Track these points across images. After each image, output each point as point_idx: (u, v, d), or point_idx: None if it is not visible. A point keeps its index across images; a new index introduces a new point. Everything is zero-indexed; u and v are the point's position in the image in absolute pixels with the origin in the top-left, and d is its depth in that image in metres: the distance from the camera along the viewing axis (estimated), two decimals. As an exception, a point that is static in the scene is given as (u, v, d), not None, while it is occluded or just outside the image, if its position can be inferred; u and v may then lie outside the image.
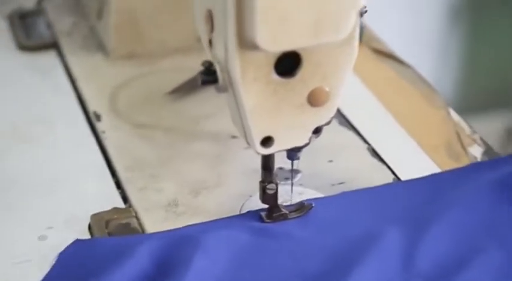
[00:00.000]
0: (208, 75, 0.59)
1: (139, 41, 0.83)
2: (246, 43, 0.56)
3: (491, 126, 1.63)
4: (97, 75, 0.81)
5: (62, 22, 0.88)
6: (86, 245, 0.61)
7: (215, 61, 0.59)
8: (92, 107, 0.77)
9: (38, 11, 0.90)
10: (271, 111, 0.58)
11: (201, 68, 0.60)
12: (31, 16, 0.89)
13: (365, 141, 0.73)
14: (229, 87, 0.58)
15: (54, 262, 0.60)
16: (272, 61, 0.57)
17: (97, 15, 0.86)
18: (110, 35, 0.83)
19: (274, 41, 0.55)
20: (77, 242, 0.62)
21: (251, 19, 0.54)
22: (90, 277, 0.58)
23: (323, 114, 0.60)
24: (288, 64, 0.58)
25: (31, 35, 0.87)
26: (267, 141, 0.60)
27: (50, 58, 0.84)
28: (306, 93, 0.59)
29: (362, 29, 0.87)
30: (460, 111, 0.78)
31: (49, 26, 0.88)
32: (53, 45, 0.85)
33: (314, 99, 0.59)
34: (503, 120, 1.70)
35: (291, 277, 0.59)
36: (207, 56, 0.60)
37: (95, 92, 0.79)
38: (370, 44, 0.85)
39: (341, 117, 0.76)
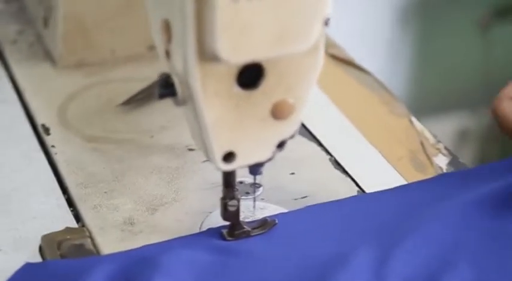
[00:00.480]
0: (166, 88, 0.56)
1: (88, 49, 0.79)
2: (206, 54, 0.53)
3: (443, 128, 1.62)
4: (45, 86, 0.77)
5: (5, 30, 0.84)
6: (37, 269, 0.58)
7: (173, 73, 0.56)
8: (40, 119, 0.73)
9: (-20, 19, 0.86)
10: (233, 126, 0.56)
11: (155, 79, 0.56)
12: (-27, 24, 0.85)
13: (327, 152, 0.70)
14: (188, 101, 0.55)
15: None
16: (234, 73, 0.54)
17: (43, 22, 0.82)
18: (58, 43, 0.79)
19: (235, 52, 0.52)
20: (27, 266, 0.58)
21: (211, 29, 0.51)
22: None
23: (287, 128, 0.57)
24: (250, 76, 0.55)
25: (-27, 43, 0.83)
26: (228, 156, 0.57)
27: (-6, 68, 0.80)
28: (269, 106, 0.56)
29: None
30: (412, 113, 0.75)
31: (-8, 33, 0.84)
32: (-3, 54, 0.82)
33: (278, 112, 0.56)
34: (455, 121, 1.69)
35: None
36: (160, 65, 0.57)
37: (42, 103, 0.75)
38: (328, 50, 0.83)
39: (302, 127, 0.73)
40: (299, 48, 0.54)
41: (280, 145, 0.58)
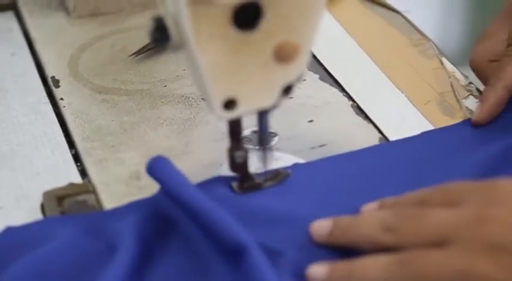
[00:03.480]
0: (159, 32, 0.52)
1: (103, -2, 0.76)
2: (197, -7, 0.48)
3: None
4: (57, 37, 0.74)
5: (21, -20, 0.81)
6: (18, 232, 0.55)
7: (167, 16, 0.52)
8: (50, 71, 0.70)
9: (-5, -30, 0.83)
10: (232, 70, 0.51)
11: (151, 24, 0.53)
12: (-12, -25, 0.82)
13: (349, 97, 0.66)
14: (183, 46, 0.51)
15: None
16: (229, 13, 0.50)
17: (58, -29, 0.79)
18: (71, -8, 0.76)
19: (228, -10, 0.48)
20: (8, 231, 0.55)
21: (200, -35, 0.47)
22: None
23: (292, 71, 0.53)
24: (248, 16, 0.50)
25: (-14, -5, 0.80)
26: (229, 104, 0.53)
27: (7, 20, 0.77)
28: (271, 48, 0.51)
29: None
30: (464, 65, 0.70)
31: (7, -15, 0.81)
32: (11, 6, 0.78)
33: (281, 54, 0.52)
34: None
35: None
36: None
37: (54, 55, 0.72)
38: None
39: (323, 71, 0.69)
40: (299, -18, 0.49)
41: (287, 90, 0.54)
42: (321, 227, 0.52)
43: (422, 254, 0.48)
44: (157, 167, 0.54)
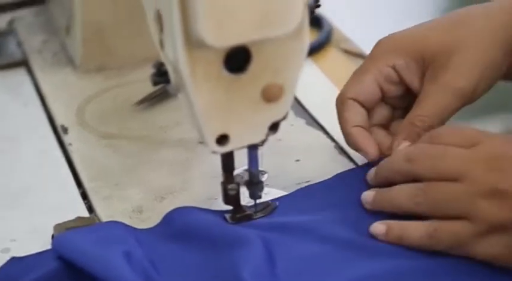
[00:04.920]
0: (160, 76, 0.59)
1: (107, 54, 0.83)
2: (193, 41, 0.55)
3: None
4: (65, 90, 0.81)
5: (32, 40, 0.88)
6: (22, 262, 0.60)
7: (167, 62, 0.59)
8: (59, 120, 0.77)
9: (9, 31, 0.90)
10: (225, 109, 0.58)
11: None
12: (2, 35, 0.89)
13: (333, 139, 0.72)
14: (181, 88, 0.58)
15: None
16: (221, 57, 0.56)
17: (66, 30, 0.86)
18: (78, 49, 0.83)
19: (220, 36, 0.54)
20: (13, 260, 0.61)
21: (195, 14, 0.54)
22: None
23: (278, 110, 0.59)
24: (238, 60, 0.57)
25: (1, 53, 0.87)
26: (222, 139, 0.59)
27: (19, 75, 0.84)
28: (258, 89, 0.58)
29: (331, 30, 0.87)
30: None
31: (19, 44, 0.88)
32: (23, 63, 0.85)
33: (268, 95, 0.58)
34: (501, 123, 1.68)
35: None
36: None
37: (63, 106, 0.79)
38: (339, 45, 0.85)
39: (309, 117, 0.75)
40: (282, 30, 0.56)
41: (273, 127, 0.60)
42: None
43: (436, 185, 0.58)
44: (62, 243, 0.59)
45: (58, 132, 0.76)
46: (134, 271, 0.56)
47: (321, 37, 0.85)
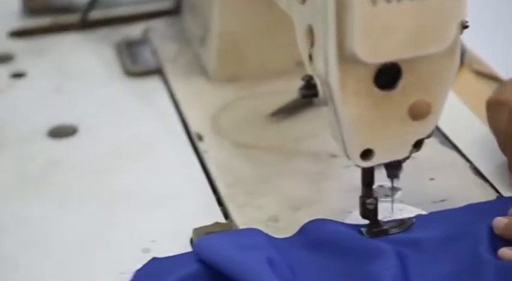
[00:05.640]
0: (308, 89, 0.60)
1: (240, 65, 0.85)
2: (346, 56, 0.56)
3: None
4: (199, 98, 0.83)
5: (166, 49, 0.91)
6: (162, 262, 0.62)
7: (315, 75, 0.60)
8: (194, 128, 0.79)
9: (143, 40, 0.93)
10: (371, 124, 0.59)
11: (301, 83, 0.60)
12: (137, 45, 0.93)
13: (467, 160, 0.72)
14: (329, 101, 0.59)
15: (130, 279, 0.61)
16: (372, 73, 0.57)
17: (200, 41, 0.88)
18: (212, 59, 0.85)
19: (374, 53, 0.55)
20: (154, 261, 0.63)
21: (351, 31, 0.55)
22: None
23: (424, 128, 0.60)
24: (388, 77, 0.58)
25: (137, 61, 0.90)
26: (367, 154, 0.60)
27: (154, 83, 0.87)
28: (406, 106, 0.59)
29: (464, 51, 0.87)
30: None
31: (154, 53, 0.91)
32: (158, 71, 0.88)
33: (415, 112, 0.59)
34: None
35: None
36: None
37: (197, 114, 0.81)
38: (471, 66, 0.85)
39: (442, 137, 0.75)
40: (436, 49, 0.56)
41: (417, 145, 0.61)
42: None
43: None
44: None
45: (193, 139, 0.78)
46: (278, 277, 0.57)
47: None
